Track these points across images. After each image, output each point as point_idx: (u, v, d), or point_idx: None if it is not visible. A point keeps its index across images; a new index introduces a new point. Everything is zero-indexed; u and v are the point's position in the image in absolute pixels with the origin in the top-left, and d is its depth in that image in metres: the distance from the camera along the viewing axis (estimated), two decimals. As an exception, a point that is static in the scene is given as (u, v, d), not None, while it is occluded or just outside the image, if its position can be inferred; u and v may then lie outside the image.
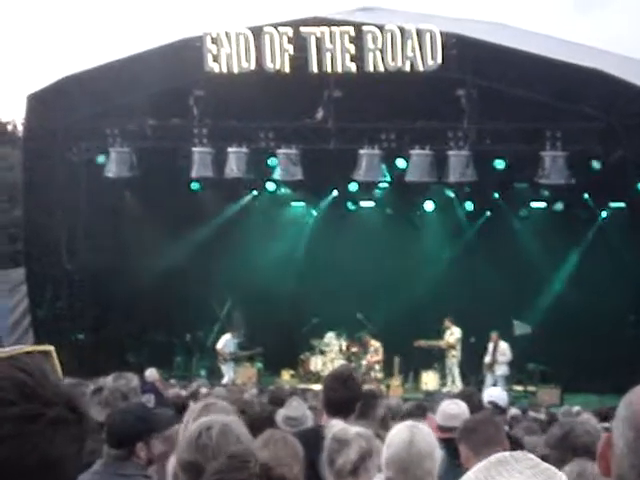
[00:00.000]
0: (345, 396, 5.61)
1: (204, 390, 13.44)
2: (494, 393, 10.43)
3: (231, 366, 22.56)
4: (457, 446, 5.10)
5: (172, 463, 4.44)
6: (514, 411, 13.31)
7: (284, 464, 3.31)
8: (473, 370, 22.25)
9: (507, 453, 1.65)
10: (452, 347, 22.32)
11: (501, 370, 21.77)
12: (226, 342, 22.66)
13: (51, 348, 1.43)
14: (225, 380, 21.33)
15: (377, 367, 22.55)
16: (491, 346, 21.90)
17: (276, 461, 3.38)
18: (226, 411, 4.42)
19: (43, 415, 1.30)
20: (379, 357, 22.66)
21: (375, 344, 22.76)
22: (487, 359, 21.89)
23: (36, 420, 1.29)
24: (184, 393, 12.93)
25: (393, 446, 4.02)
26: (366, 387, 7.77)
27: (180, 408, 8.01)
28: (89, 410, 1.39)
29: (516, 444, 6.70)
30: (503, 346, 21.84)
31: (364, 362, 22.45)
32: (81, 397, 1.39)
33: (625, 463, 1.73)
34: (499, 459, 1.63)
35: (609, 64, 20.24)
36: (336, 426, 4.48)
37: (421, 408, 8.01)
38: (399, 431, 4.10)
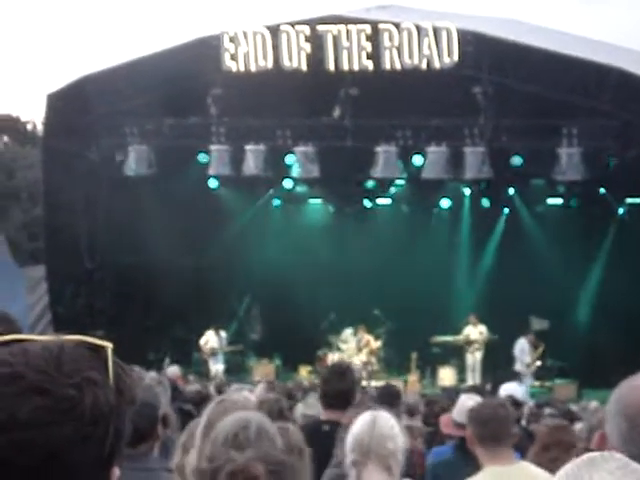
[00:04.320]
0: (340, 389, 5.69)
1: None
2: (511, 387, 10.51)
3: (217, 360, 22.91)
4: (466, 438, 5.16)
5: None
6: (531, 405, 13.35)
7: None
8: (490, 368, 22.26)
9: (597, 453, 1.65)
10: (473, 343, 22.23)
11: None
12: (208, 338, 23.00)
13: (107, 344, 1.37)
14: (212, 374, 21.66)
15: (373, 360, 22.48)
16: (526, 345, 21.72)
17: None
18: (246, 407, 4.44)
19: (23, 378, 1.25)
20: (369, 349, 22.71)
21: (365, 338, 22.81)
22: (528, 359, 21.66)
23: (14, 383, 1.25)
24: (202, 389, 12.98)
25: (356, 430, 4.08)
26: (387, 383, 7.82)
27: (198, 403, 8.15)
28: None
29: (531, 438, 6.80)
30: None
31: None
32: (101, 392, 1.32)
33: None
34: (589, 459, 1.63)
35: (625, 60, 20.24)
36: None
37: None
38: (363, 416, 4.17)
